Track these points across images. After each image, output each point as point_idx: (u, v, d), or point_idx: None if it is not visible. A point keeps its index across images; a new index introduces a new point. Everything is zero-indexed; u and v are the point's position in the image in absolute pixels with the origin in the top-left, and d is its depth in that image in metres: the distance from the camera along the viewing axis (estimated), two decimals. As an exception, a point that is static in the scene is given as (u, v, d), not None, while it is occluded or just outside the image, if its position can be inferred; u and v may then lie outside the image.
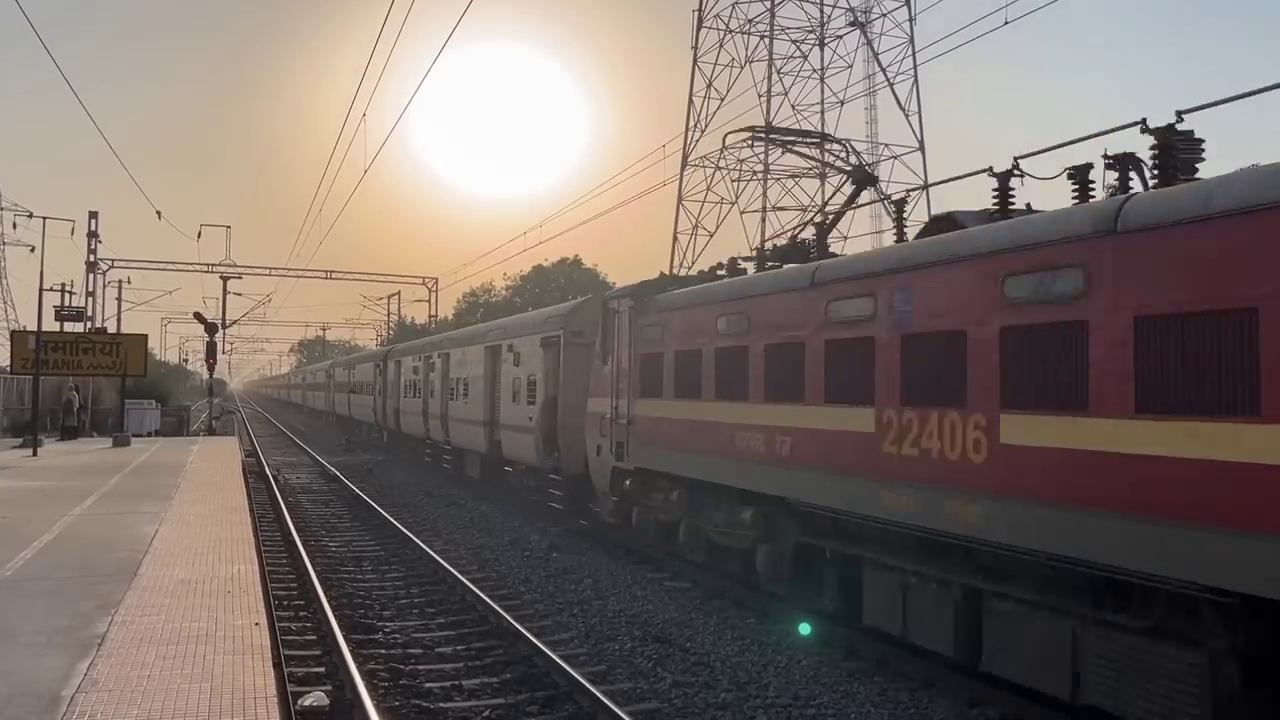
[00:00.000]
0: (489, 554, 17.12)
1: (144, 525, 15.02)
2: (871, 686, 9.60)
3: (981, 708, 8.87)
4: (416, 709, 8.97)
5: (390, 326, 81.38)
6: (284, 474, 30.49)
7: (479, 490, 26.05)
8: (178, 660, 8.06)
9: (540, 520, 20.62)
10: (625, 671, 10.27)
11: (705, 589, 13.92)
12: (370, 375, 45.94)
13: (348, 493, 25.83)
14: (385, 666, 10.24)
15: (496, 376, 25.00)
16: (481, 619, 12.30)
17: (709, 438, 13.14)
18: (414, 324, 78.09)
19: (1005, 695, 8.83)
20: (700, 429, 13.43)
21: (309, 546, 16.80)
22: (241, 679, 7.60)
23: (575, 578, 14.98)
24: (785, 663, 10.46)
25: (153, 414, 43.54)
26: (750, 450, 12.07)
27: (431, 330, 58.91)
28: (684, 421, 13.91)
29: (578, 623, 12.32)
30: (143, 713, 6.81)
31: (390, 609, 13.03)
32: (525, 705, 9.15)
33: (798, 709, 9.05)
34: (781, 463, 11.41)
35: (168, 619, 9.38)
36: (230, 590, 10.72)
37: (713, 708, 9.09)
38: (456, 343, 30.51)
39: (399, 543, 18.04)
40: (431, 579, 14.89)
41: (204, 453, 30.84)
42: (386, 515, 20.61)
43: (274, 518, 20.60)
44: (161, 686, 7.38)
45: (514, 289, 74.09)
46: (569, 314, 20.79)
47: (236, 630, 9.04)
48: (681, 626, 12.01)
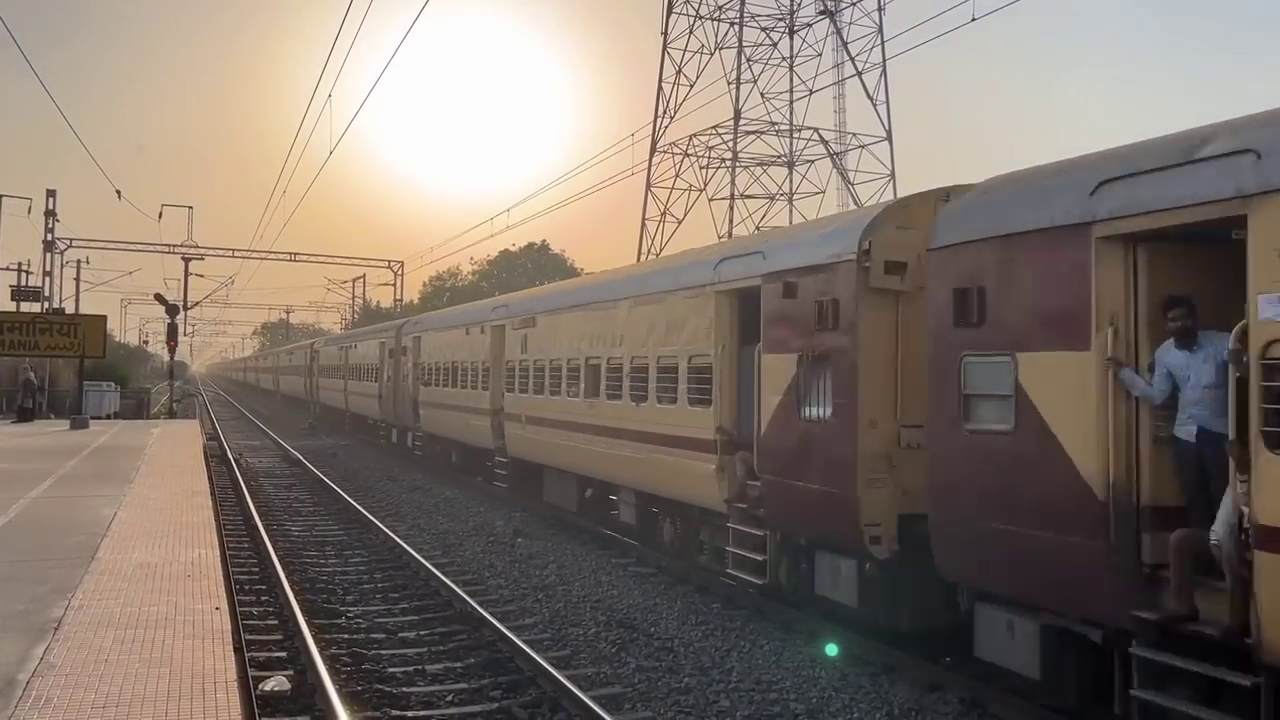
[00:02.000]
0: (453, 539, 17.07)
1: (102, 509, 14.81)
2: (833, 671, 9.69)
3: (941, 692, 8.97)
4: (379, 693, 8.94)
5: (355, 310, 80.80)
6: (246, 458, 30.20)
7: (444, 476, 25.95)
8: (136, 644, 7.97)
9: (505, 506, 20.58)
10: (589, 656, 10.30)
11: (670, 575, 13.97)
12: (376, 357, 35.38)
13: (311, 477, 25.64)
14: (348, 651, 10.19)
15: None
16: (445, 604, 12.27)
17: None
18: (379, 308, 77.57)
19: (965, 680, 8.95)
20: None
21: (271, 531, 16.67)
22: (201, 663, 7.53)
23: (540, 563, 14.98)
24: (748, 648, 10.53)
25: (112, 396, 42.94)
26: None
27: (396, 314, 58.44)
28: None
29: (542, 608, 12.33)
30: (100, 696, 6.74)
31: (353, 594, 12.97)
32: (489, 690, 9.15)
33: (760, 693, 9.11)
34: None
35: (126, 603, 9.26)
36: (190, 574, 10.61)
37: (676, 692, 9.14)
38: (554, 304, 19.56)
39: (362, 527, 17.94)
40: (395, 564, 14.83)
41: (164, 436, 30.46)
42: (350, 500, 20.48)
43: (235, 502, 20.41)
44: (119, 670, 7.29)
45: (481, 274, 73.79)
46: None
47: (196, 615, 8.94)
48: (646, 612, 12.05)
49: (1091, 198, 7.15)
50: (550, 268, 68.88)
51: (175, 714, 6.48)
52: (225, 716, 6.49)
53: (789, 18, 44.36)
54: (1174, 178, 6.61)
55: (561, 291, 20.73)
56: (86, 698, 6.71)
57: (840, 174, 44.49)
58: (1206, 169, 6.40)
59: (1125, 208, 6.91)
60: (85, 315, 40.27)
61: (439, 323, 29.20)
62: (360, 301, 79.91)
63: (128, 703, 6.64)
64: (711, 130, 44.49)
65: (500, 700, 8.89)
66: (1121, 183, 6.97)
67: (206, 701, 6.72)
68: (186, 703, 6.68)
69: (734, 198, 44.11)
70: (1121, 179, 6.98)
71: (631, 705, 8.81)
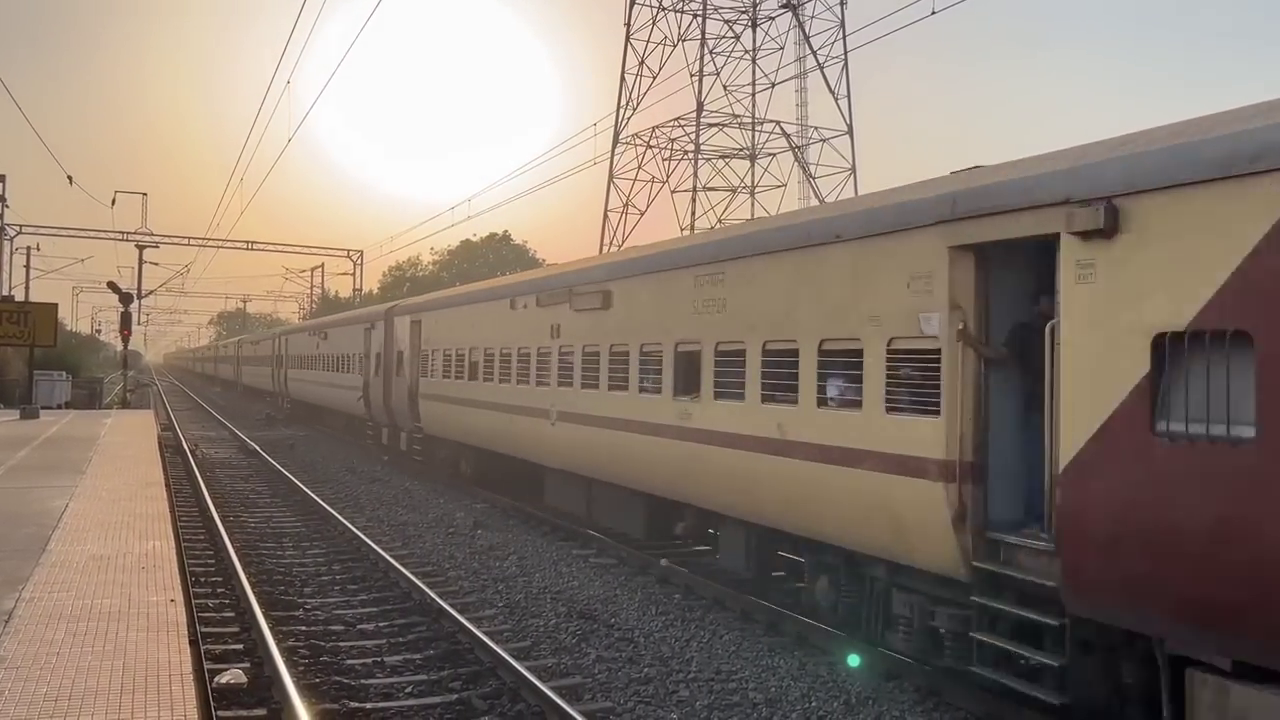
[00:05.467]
0: (413, 531, 16.98)
1: (54, 499, 14.56)
2: (791, 661, 9.77)
3: (898, 681, 9.09)
4: (337, 685, 8.88)
5: (314, 300, 79.95)
6: (202, 449, 29.81)
7: (403, 467, 25.76)
8: (89, 637, 7.86)
9: (465, 498, 20.50)
10: (549, 647, 10.30)
11: (630, 565, 14.00)
12: (361, 345, 29.60)
13: (268, 468, 25.37)
14: (306, 643, 10.12)
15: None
16: (405, 595, 12.21)
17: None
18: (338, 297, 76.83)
19: (921, 669, 9.06)
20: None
21: (228, 522, 16.48)
22: (155, 656, 7.44)
23: (500, 554, 14.95)
24: (708, 638, 10.59)
25: (63, 386, 42.23)
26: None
27: (356, 304, 57.87)
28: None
29: (502, 599, 12.30)
30: (52, 690, 6.63)
31: (311, 585, 12.87)
32: (448, 681, 9.12)
33: (720, 683, 9.17)
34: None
35: (78, 595, 9.13)
36: (144, 566, 10.47)
37: (636, 682, 9.17)
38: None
39: (321, 519, 17.79)
40: (354, 556, 14.73)
41: (118, 426, 29.98)
42: (308, 491, 20.29)
43: (191, 493, 20.15)
44: (71, 664, 7.19)
45: (442, 264, 73.30)
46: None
47: (151, 607, 8.83)
48: (606, 602, 12.07)
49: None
50: (512, 258, 68.54)
51: (129, 707, 6.40)
52: (180, 710, 6.41)
53: (751, 10, 44.42)
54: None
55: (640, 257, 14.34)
56: (38, 691, 6.60)
57: (802, 167, 44.69)
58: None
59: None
60: (36, 303, 39.41)
61: (454, 300, 23.27)
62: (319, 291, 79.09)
63: (80, 696, 6.55)
64: (674, 122, 44.47)
65: (460, 691, 8.86)
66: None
67: (161, 694, 6.64)
68: (140, 696, 6.59)
69: (696, 190, 44.17)
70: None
71: (592, 696, 8.83)
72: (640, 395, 13.18)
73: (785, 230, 10.86)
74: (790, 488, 10.07)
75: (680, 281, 12.33)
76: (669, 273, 12.74)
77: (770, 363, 10.48)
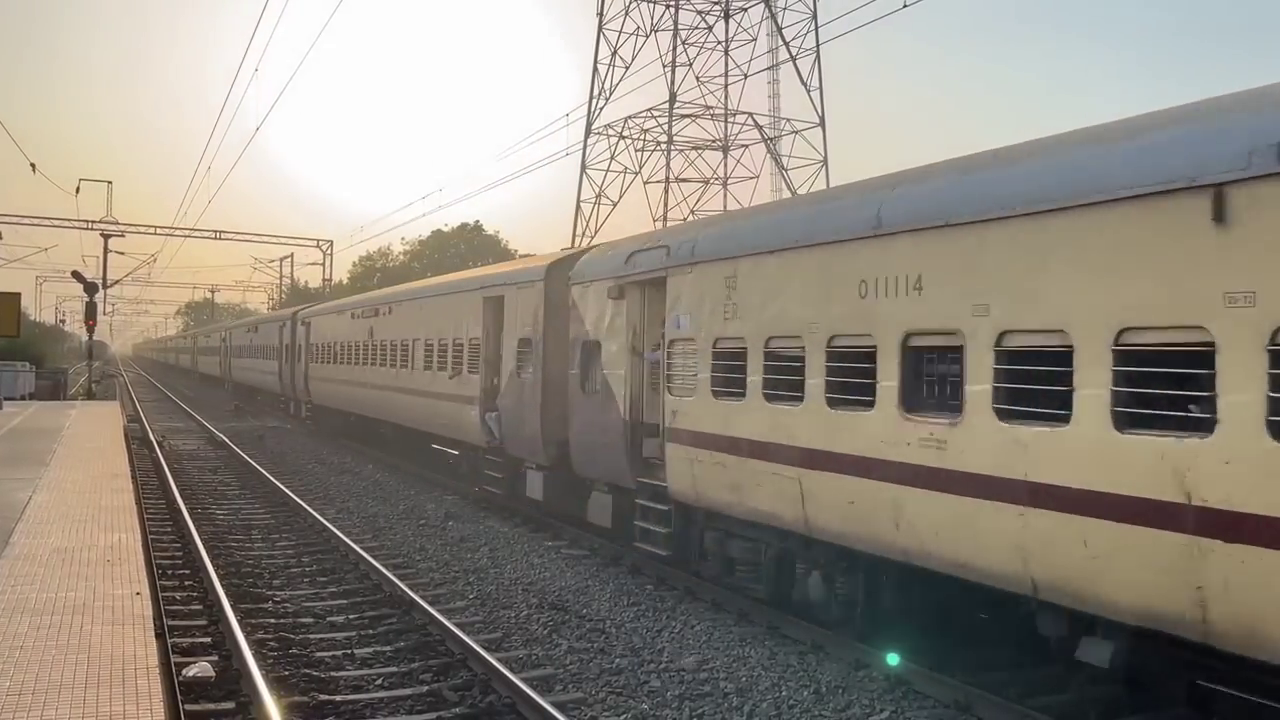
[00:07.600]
0: (383, 522, 16.90)
1: (17, 492, 14.37)
2: (762, 650, 9.81)
3: (867, 670, 9.15)
4: (307, 678, 8.82)
5: (283, 290, 79.27)
6: (170, 440, 29.50)
7: (372, 458, 25.65)
8: (53, 631, 7.76)
9: (436, 489, 20.42)
10: (521, 638, 10.29)
11: (602, 556, 14.01)
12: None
13: (237, 460, 25.15)
14: (275, 636, 10.04)
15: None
16: (375, 587, 12.15)
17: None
18: (307, 287, 76.21)
19: (889, 659, 9.11)
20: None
21: (195, 514, 16.32)
22: (121, 649, 7.36)
23: (471, 546, 14.91)
24: (679, 628, 10.62)
25: (26, 376, 41.65)
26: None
27: (327, 296, 57.36)
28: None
29: (473, 590, 12.28)
30: (15, 684, 6.55)
31: (280, 578, 12.77)
32: (419, 673, 9.09)
33: (690, 673, 9.20)
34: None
35: (42, 589, 9.01)
36: (110, 559, 10.35)
37: (608, 673, 9.19)
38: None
39: (290, 511, 17.66)
40: (324, 548, 14.64)
41: (83, 417, 29.62)
42: (277, 483, 20.14)
43: (158, 485, 19.94)
44: (35, 658, 7.10)
45: (412, 254, 72.86)
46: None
47: (116, 600, 8.74)
48: (578, 593, 12.07)
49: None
50: (484, 248, 68.24)
51: (94, 701, 6.33)
52: (146, 703, 6.35)
53: (724, 2, 44.43)
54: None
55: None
56: (1, 685, 6.52)
57: (774, 159, 44.80)
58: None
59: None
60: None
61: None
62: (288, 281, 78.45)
63: (44, 690, 6.47)
64: (647, 113, 44.48)
65: (430, 683, 8.83)
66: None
67: (126, 688, 6.57)
68: (106, 690, 6.52)
69: (669, 181, 44.19)
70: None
71: (563, 686, 8.83)
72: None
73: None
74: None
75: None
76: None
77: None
